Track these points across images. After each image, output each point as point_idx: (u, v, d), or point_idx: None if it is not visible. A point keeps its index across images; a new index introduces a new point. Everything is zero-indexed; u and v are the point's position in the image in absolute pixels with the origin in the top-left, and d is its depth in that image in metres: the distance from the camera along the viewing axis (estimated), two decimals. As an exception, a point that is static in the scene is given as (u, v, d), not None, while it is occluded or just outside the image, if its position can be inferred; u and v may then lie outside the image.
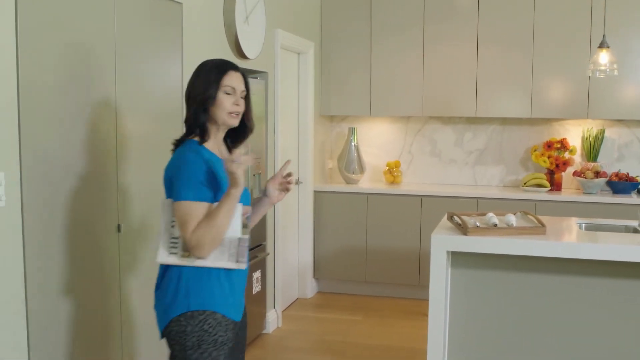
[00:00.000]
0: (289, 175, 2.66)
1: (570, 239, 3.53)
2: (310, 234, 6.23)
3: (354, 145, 6.36)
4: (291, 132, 5.85)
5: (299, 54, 5.96)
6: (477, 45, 5.98)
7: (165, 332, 2.40)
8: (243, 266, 2.38)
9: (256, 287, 4.90)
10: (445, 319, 3.62)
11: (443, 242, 3.53)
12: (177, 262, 2.34)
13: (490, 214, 3.75)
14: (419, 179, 6.58)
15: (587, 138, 6.03)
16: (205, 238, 2.28)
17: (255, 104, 4.82)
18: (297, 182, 5.98)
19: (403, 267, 6.08)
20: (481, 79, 5.99)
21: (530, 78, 5.88)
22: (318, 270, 6.32)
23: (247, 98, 2.54)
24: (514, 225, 3.63)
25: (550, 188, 5.95)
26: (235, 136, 2.59)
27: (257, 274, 4.90)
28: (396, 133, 6.59)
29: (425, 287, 5.95)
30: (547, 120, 6.19)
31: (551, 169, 6.00)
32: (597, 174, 5.81)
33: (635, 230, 4.01)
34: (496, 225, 3.62)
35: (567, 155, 6.05)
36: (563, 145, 6.01)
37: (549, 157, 5.99)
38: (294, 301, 6.06)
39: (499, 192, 5.97)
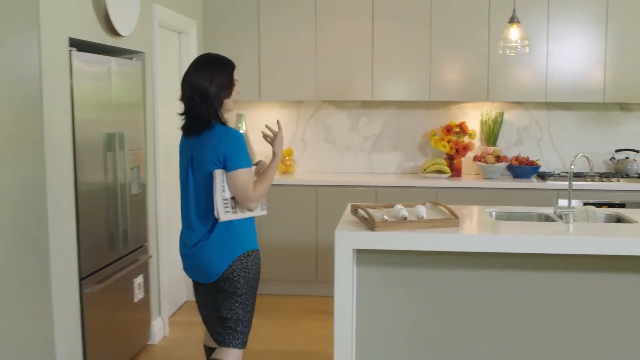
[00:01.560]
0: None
1: (486, 231, 3.25)
2: (198, 230, 5.71)
3: (243, 132, 5.88)
4: (173, 121, 5.27)
5: (180, 33, 5.42)
6: (372, 22, 5.63)
7: (226, 273, 3.02)
8: (265, 212, 3.13)
9: (138, 295, 4.36)
10: (352, 321, 3.29)
11: (348, 239, 3.18)
12: (234, 217, 2.99)
13: (399, 206, 3.41)
14: (313, 168, 6.20)
15: (486, 121, 5.83)
16: (262, 194, 3.02)
17: (130, 89, 4.30)
18: None
19: (299, 262, 5.69)
20: (377, 60, 5.66)
21: (429, 58, 5.60)
22: (208, 269, 5.81)
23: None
24: (425, 217, 3.31)
25: (450, 174, 5.71)
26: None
27: (138, 280, 4.36)
28: (288, 119, 6.17)
29: (324, 282, 5.63)
30: (445, 104, 5.95)
31: (451, 154, 5.77)
32: (498, 159, 5.63)
33: (547, 218, 3.80)
34: (406, 218, 3.29)
35: (466, 139, 5.83)
36: (462, 129, 5.78)
37: (448, 142, 5.75)
38: (182, 305, 5.55)
39: (398, 179, 5.68)
